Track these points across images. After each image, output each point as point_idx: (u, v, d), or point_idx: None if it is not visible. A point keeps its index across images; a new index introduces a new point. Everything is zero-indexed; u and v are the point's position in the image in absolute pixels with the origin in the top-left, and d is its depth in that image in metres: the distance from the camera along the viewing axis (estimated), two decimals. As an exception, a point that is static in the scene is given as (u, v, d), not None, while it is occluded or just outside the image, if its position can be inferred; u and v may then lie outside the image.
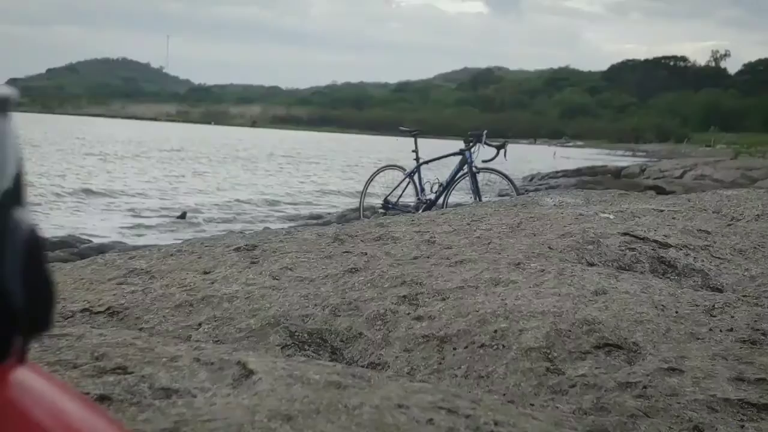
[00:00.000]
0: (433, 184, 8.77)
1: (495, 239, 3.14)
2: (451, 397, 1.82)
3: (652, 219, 3.49)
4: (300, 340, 2.45)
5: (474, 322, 2.43)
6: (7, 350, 0.38)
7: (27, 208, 0.39)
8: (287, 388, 1.72)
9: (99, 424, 0.43)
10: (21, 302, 0.37)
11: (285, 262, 2.91)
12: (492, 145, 8.45)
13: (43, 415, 0.39)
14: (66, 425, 0.40)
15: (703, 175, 22.67)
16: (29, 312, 0.38)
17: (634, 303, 2.43)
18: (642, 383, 2.03)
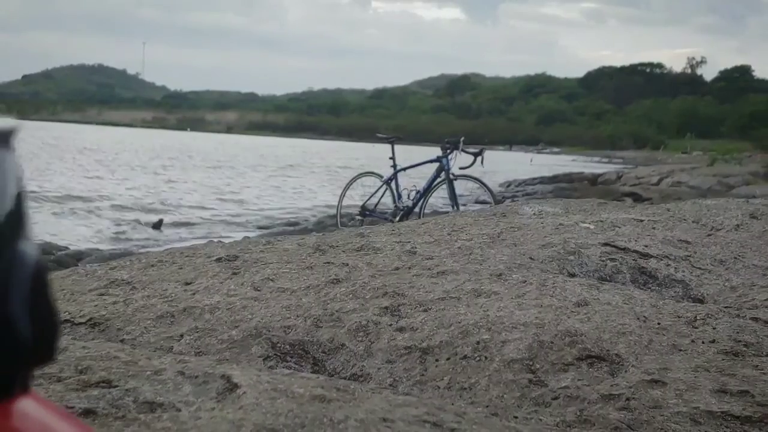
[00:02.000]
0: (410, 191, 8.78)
1: (476, 250, 3.14)
2: (435, 411, 1.82)
3: (632, 229, 3.51)
4: (282, 352, 2.44)
5: (456, 333, 2.43)
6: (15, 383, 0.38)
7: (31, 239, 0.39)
8: (272, 401, 1.71)
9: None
10: (28, 335, 0.37)
11: (266, 273, 2.90)
12: (469, 152, 8.48)
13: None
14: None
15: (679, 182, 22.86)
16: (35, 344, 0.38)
17: (616, 314, 2.44)
18: (625, 395, 2.04)
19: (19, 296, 0.37)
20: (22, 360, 0.38)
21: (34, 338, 0.38)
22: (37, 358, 0.39)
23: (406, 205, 8.68)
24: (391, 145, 8.87)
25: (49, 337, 0.39)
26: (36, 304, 0.38)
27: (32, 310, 0.38)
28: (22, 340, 0.37)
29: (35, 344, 0.38)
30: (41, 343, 0.39)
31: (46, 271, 0.39)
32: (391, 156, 8.78)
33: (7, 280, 0.37)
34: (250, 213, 15.31)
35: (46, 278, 0.39)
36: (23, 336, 0.37)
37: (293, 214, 15.55)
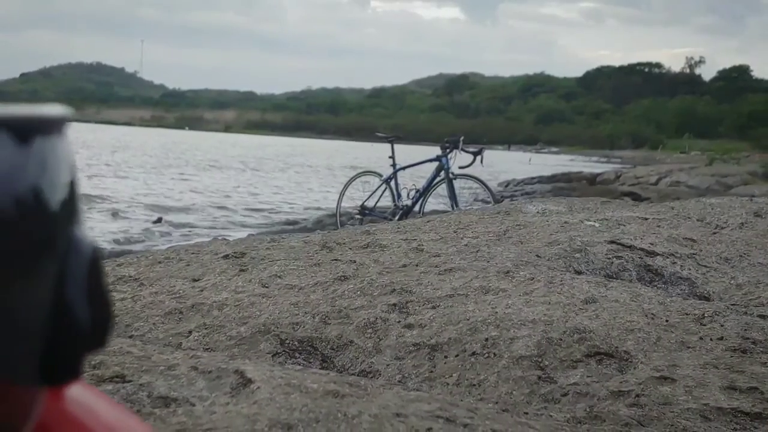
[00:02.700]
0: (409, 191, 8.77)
1: (483, 247, 3.15)
2: (447, 406, 1.83)
3: (637, 227, 3.52)
4: (290, 348, 2.45)
5: (465, 330, 2.44)
6: (77, 370, 0.38)
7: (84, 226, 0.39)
8: (286, 396, 1.71)
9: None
10: (86, 322, 0.38)
11: (274, 270, 2.91)
12: (469, 151, 8.47)
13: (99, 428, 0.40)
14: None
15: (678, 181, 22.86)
16: (91, 330, 0.38)
17: (624, 311, 2.45)
18: (635, 392, 2.05)
19: (77, 283, 0.38)
20: (79, 347, 0.38)
21: (90, 325, 0.38)
22: (91, 345, 0.39)
23: (405, 205, 8.67)
24: (390, 145, 8.86)
25: (103, 324, 0.40)
26: (92, 290, 0.39)
27: (89, 297, 0.38)
28: (80, 327, 0.38)
29: (91, 331, 0.39)
30: (96, 329, 0.39)
31: (100, 258, 0.40)
32: (391, 155, 8.77)
33: (65, 266, 0.38)
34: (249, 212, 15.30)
35: (100, 265, 0.40)
36: (81, 323, 0.38)
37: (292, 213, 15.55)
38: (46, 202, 0.37)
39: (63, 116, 0.39)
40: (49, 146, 0.38)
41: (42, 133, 0.38)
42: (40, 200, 0.36)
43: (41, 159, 0.38)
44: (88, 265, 0.38)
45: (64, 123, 0.39)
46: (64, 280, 0.37)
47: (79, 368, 0.39)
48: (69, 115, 0.39)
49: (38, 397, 0.38)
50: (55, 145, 0.39)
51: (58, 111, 0.39)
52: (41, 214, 0.37)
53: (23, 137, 0.37)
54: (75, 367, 0.38)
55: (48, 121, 0.38)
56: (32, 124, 0.37)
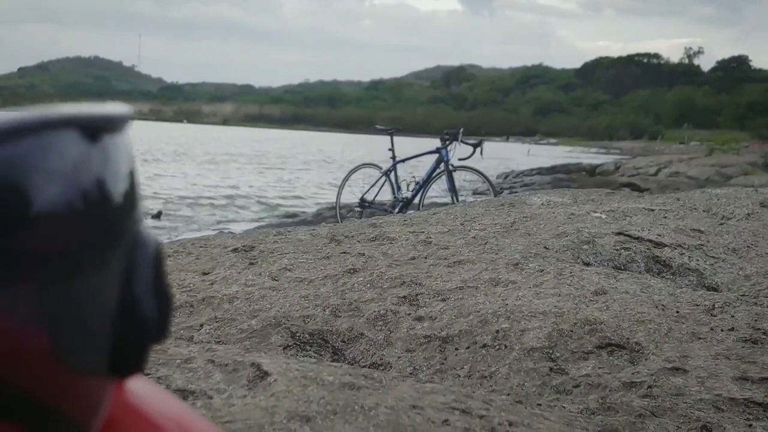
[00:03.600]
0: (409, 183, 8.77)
1: (491, 239, 3.16)
2: (462, 398, 1.84)
3: (644, 218, 3.53)
4: (301, 341, 2.46)
5: (475, 322, 2.45)
6: (142, 362, 0.39)
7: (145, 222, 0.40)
8: (303, 389, 1.72)
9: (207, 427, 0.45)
10: (152, 315, 0.39)
11: (283, 263, 2.91)
12: (468, 143, 8.46)
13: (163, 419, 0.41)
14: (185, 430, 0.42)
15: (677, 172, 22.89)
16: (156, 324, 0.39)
17: (634, 303, 2.46)
18: (647, 383, 2.06)
19: (143, 277, 0.38)
20: (145, 339, 0.39)
21: (156, 318, 0.39)
22: (156, 338, 0.40)
23: (405, 197, 8.66)
24: (390, 137, 8.85)
25: (165, 317, 0.40)
26: (156, 284, 0.39)
27: (154, 290, 0.39)
28: (147, 320, 0.39)
29: (157, 324, 0.39)
30: (160, 322, 0.40)
31: (162, 252, 0.40)
32: (390, 147, 8.76)
33: (132, 260, 0.38)
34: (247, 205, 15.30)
35: (162, 258, 0.40)
36: (148, 316, 0.39)
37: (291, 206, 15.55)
38: (114, 198, 0.38)
39: (126, 114, 0.40)
40: (115, 144, 0.39)
41: (108, 131, 0.39)
42: (109, 196, 0.37)
43: (108, 156, 0.38)
44: (153, 259, 0.39)
45: (127, 121, 0.40)
46: (131, 274, 0.38)
47: (144, 361, 0.39)
48: (131, 113, 0.40)
49: (108, 389, 0.39)
50: (119, 142, 0.40)
51: (121, 109, 0.39)
52: (109, 209, 0.37)
53: (92, 135, 0.37)
54: (141, 359, 0.39)
55: (113, 119, 0.39)
56: (100, 122, 0.38)
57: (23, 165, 0.34)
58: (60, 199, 0.36)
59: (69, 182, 0.36)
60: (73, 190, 0.36)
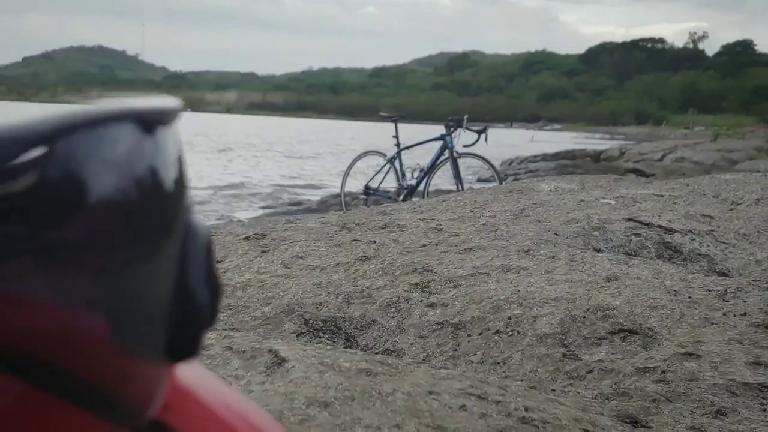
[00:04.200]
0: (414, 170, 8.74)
1: (501, 226, 3.17)
2: (478, 384, 1.85)
3: (654, 204, 3.53)
4: (314, 328, 2.47)
5: (487, 308, 2.46)
6: (197, 348, 0.40)
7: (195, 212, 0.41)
8: (320, 375, 1.73)
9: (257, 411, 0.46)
10: (206, 302, 0.40)
11: (295, 251, 2.92)
12: (473, 129, 8.43)
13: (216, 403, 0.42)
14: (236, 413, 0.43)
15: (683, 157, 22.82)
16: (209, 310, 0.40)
17: (646, 289, 2.47)
18: (660, 368, 2.07)
19: (197, 264, 0.40)
20: (200, 326, 0.40)
21: (209, 304, 0.40)
22: (208, 324, 0.41)
23: (410, 184, 8.64)
24: (394, 124, 8.82)
25: (216, 303, 0.42)
26: (208, 271, 0.40)
27: (206, 277, 0.40)
28: (201, 307, 0.40)
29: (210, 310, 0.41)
30: (212, 309, 0.41)
31: (212, 241, 0.41)
32: (395, 134, 8.73)
33: (186, 249, 0.39)
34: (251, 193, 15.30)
35: (212, 247, 0.41)
36: (202, 302, 0.40)
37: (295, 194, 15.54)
38: (167, 188, 0.39)
39: (177, 107, 0.41)
40: (167, 135, 0.40)
41: (161, 123, 0.40)
42: (163, 186, 0.38)
43: (161, 148, 0.39)
44: (205, 247, 0.40)
45: (177, 113, 0.41)
46: (186, 262, 0.39)
47: (199, 346, 0.41)
48: (180, 107, 0.41)
49: (164, 374, 0.40)
50: (171, 134, 0.41)
51: (172, 102, 0.41)
52: (163, 199, 0.39)
53: (147, 128, 0.39)
54: (196, 345, 0.40)
55: (166, 112, 0.40)
56: (154, 115, 0.39)
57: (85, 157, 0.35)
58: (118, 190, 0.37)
59: (127, 173, 0.37)
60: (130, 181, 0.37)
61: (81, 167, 0.35)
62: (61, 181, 0.34)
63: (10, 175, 0.32)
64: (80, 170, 0.35)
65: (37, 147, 0.32)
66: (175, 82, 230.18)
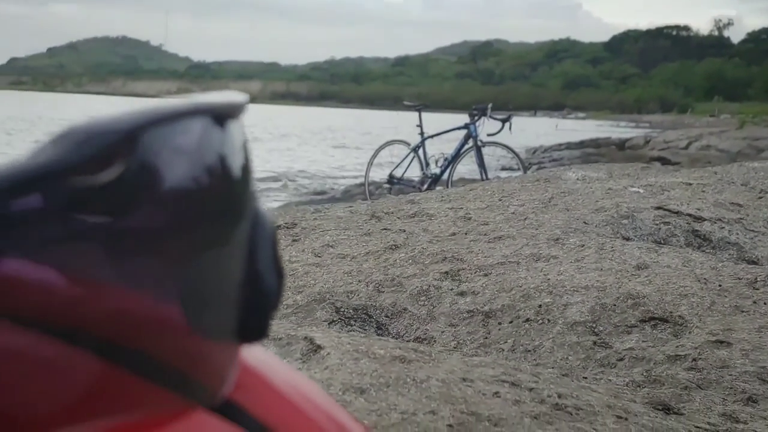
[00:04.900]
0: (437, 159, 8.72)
1: (530, 215, 3.18)
2: (511, 371, 1.87)
3: (682, 192, 3.53)
4: (346, 316, 2.50)
5: (518, 297, 2.47)
6: (266, 330, 0.42)
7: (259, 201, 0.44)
8: (355, 362, 1.76)
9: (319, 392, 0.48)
10: (274, 287, 0.42)
11: (326, 240, 2.95)
12: (497, 118, 8.39)
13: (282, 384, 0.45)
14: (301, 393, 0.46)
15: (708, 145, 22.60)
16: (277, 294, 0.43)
17: (676, 277, 2.47)
18: (691, 356, 2.08)
19: (264, 252, 0.42)
20: (268, 309, 0.42)
21: (277, 288, 0.43)
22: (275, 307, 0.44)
23: (434, 173, 8.62)
24: (417, 113, 8.81)
25: (281, 287, 0.44)
26: (274, 257, 0.43)
27: (273, 263, 0.42)
28: (269, 292, 0.42)
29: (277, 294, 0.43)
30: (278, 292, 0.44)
31: (275, 228, 0.44)
32: (419, 123, 8.71)
33: (255, 237, 0.42)
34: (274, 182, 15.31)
35: (276, 234, 0.44)
36: (270, 286, 0.42)
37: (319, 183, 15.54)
38: (237, 179, 0.41)
39: (244, 102, 0.43)
40: (236, 128, 0.43)
41: (231, 117, 0.42)
42: (233, 177, 0.41)
43: (232, 140, 0.42)
44: (271, 235, 0.42)
45: (244, 108, 0.43)
46: (254, 249, 0.41)
47: (267, 328, 0.43)
48: (246, 101, 0.44)
49: (235, 356, 0.43)
50: (239, 127, 0.43)
51: (240, 97, 0.43)
52: (233, 189, 0.41)
53: (220, 121, 0.41)
54: (265, 327, 0.43)
55: (235, 106, 0.42)
56: (225, 109, 0.42)
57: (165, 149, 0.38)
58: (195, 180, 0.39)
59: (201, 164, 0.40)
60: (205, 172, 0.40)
61: (162, 159, 0.37)
62: (143, 173, 0.36)
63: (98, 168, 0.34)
64: (161, 162, 0.37)
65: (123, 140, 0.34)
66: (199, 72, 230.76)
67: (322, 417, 0.44)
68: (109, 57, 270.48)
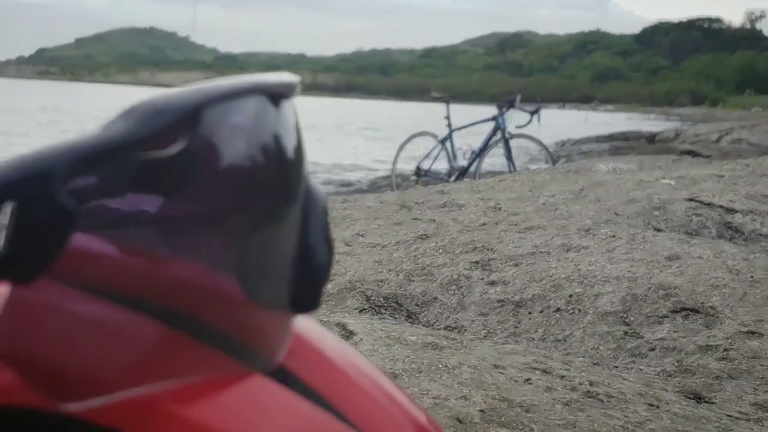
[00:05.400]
0: (465, 151, 8.67)
1: (560, 206, 3.18)
2: (542, 359, 1.88)
3: (714, 184, 3.51)
4: (376, 304, 2.52)
5: (548, 287, 2.48)
6: (318, 301, 0.44)
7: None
8: (388, 348, 1.78)
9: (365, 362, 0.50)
10: (325, 260, 0.44)
11: (356, 229, 2.97)
12: (525, 110, 8.34)
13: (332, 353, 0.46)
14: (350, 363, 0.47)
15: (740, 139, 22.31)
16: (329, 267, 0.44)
17: (708, 268, 2.47)
18: (723, 346, 2.08)
19: (317, 226, 0.44)
20: (321, 281, 0.44)
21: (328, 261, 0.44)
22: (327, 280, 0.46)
23: (461, 165, 8.58)
24: (445, 105, 8.77)
25: (331, 259, 0.46)
26: (326, 231, 0.45)
27: (325, 238, 0.44)
28: (321, 264, 0.44)
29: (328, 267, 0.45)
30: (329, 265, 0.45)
31: (327, 204, 0.46)
32: (446, 116, 8.67)
33: (308, 213, 0.43)
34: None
35: (327, 210, 0.45)
36: (322, 261, 0.44)
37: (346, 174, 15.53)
38: (291, 155, 0.43)
39: (296, 82, 0.45)
40: (289, 108, 0.45)
41: (285, 96, 0.44)
42: (289, 153, 0.43)
43: (287, 119, 0.44)
44: (323, 210, 0.44)
45: (297, 88, 0.45)
46: (307, 223, 0.43)
47: (320, 299, 0.45)
48: (297, 82, 0.45)
49: (289, 326, 0.44)
50: (292, 106, 0.45)
51: (292, 78, 0.45)
52: (288, 165, 0.43)
53: (275, 101, 0.43)
54: (317, 298, 0.44)
55: (289, 86, 0.44)
56: (280, 89, 0.43)
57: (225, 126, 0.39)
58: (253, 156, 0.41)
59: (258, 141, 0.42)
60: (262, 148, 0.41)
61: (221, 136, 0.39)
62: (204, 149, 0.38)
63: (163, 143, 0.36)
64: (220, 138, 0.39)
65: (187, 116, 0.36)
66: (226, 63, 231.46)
67: (370, 385, 0.46)
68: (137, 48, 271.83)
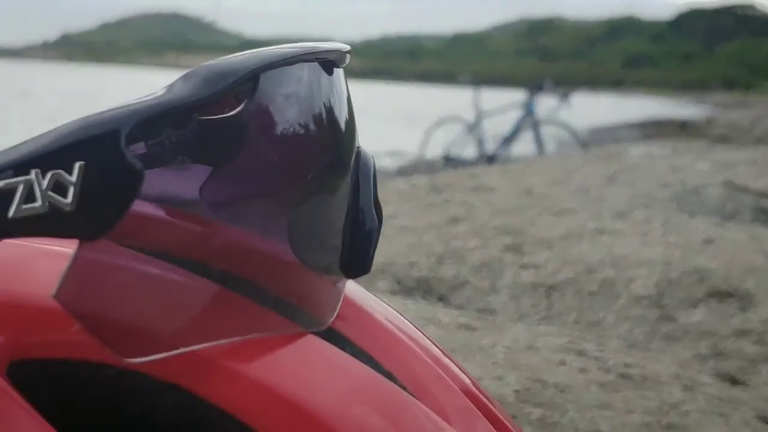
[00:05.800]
0: (494, 136, 8.63)
1: (593, 190, 3.17)
2: (577, 340, 1.87)
3: (748, 169, 3.48)
4: (407, 287, 2.52)
5: (581, 270, 2.47)
6: (368, 266, 0.45)
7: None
8: (421, 328, 1.78)
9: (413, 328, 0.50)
10: (376, 225, 0.44)
11: (386, 212, 2.97)
12: (555, 95, 8.28)
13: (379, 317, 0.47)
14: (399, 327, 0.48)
15: (773, 125, 22.10)
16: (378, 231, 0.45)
17: (743, 252, 2.45)
18: (758, 330, 2.06)
19: (367, 190, 0.44)
20: (371, 245, 0.45)
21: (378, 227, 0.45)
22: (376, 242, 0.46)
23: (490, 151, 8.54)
24: (474, 90, 8.72)
25: (380, 225, 0.46)
26: (375, 196, 0.45)
27: (374, 202, 0.45)
28: (371, 228, 0.44)
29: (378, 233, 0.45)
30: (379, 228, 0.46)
31: (376, 169, 0.46)
32: (475, 101, 8.62)
33: (358, 178, 0.44)
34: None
35: (376, 174, 0.46)
36: (372, 224, 0.44)
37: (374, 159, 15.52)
38: (344, 120, 0.44)
39: (347, 50, 0.45)
40: (341, 76, 0.45)
41: (338, 64, 0.44)
42: (341, 118, 0.43)
43: (339, 84, 0.44)
44: (372, 174, 0.44)
45: (347, 55, 0.45)
46: (357, 188, 0.43)
47: (370, 263, 0.45)
48: (348, 50, 0.46)
49: (340, 289, 0.45)
50: (343, 75, 0.45)
51: (344, 46, 0.45)
52: (341, 130, 0.43)
53: (329, 69, 0.43)
54: (368, 262, 0.45)
55: (341, 53, 0.44)
56: (334, 55, 0.44)
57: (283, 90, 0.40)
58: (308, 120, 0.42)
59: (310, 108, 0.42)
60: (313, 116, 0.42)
61: (277, 102, 0.40)
62: (261, 114, 0.39)
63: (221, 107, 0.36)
64: (276, 104, 0.40)
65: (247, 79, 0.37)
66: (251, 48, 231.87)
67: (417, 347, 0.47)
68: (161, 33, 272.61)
